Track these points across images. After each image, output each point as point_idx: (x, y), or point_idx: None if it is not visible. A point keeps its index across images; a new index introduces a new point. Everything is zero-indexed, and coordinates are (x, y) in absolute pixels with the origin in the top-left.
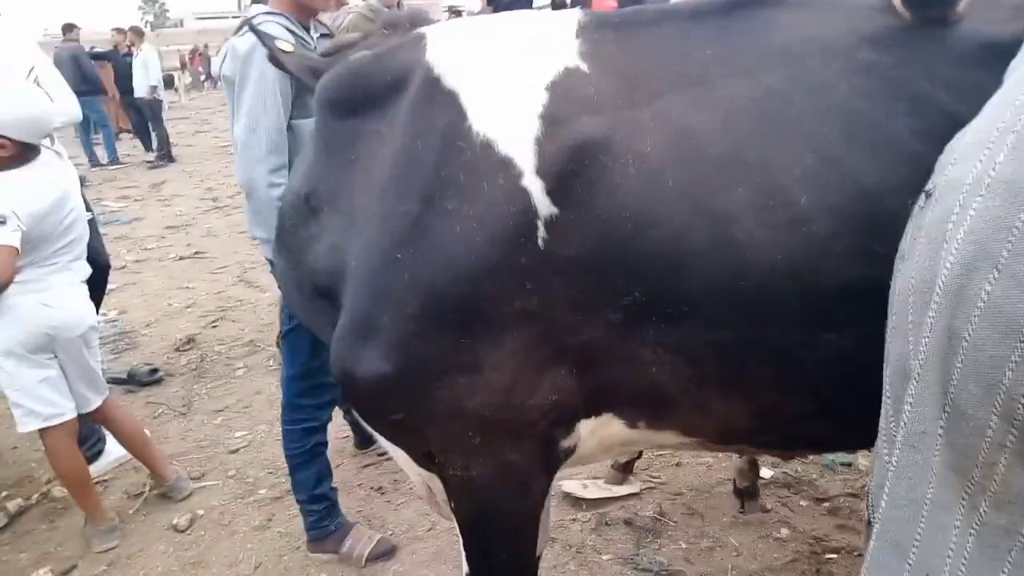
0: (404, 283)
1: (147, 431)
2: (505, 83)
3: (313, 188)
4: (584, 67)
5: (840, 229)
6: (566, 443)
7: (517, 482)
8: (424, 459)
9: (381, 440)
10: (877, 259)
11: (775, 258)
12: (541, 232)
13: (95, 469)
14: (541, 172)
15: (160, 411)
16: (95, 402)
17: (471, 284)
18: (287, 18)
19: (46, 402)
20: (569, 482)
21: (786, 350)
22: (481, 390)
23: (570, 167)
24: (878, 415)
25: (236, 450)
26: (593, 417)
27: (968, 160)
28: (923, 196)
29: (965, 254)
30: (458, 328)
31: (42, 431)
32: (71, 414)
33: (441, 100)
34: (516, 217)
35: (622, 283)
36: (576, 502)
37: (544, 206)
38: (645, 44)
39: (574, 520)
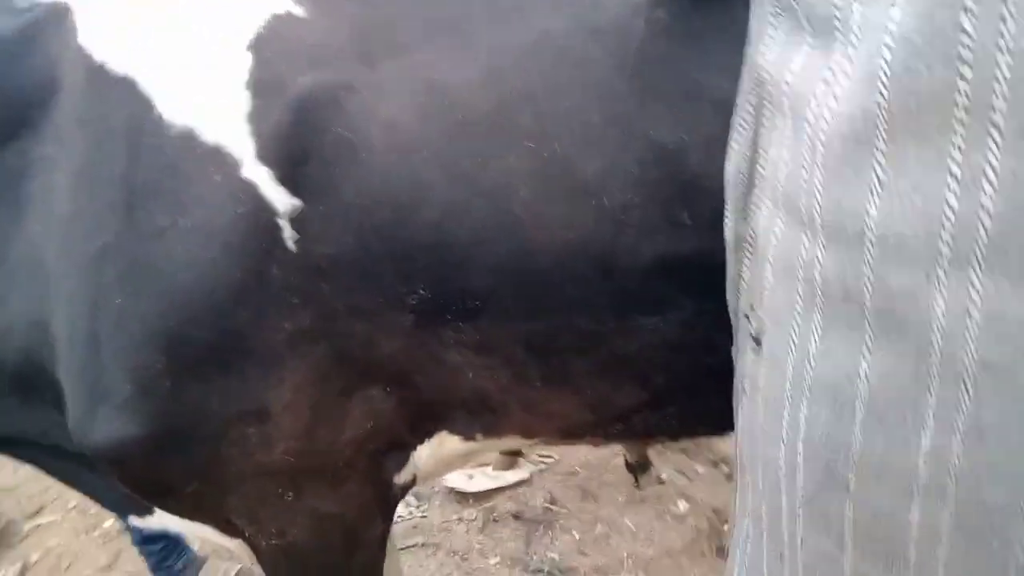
0: (134, 336)
1: None
2: (194, 50)
3: None
4: (300, 12)
5: (635, 199)
6: (402, 477)
7: (346, 537)
8: (230, 528)
9: (175, 523)
10: (687, 232)
11: (564, 237)
12: (287, 232)
13: None
14: (264, 157)
15: None
16: None
17: (218, 316)
18: None
19: None
20: (453, 475)
21: (602, 337)
22: (277, 438)
23: (299, 144)
24: (725, 399)
25: None
26: (425, 440)
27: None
28: (752, 342)
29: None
30: (223, 373)
31: None
32: None
33: (114, 93)
34: (250, 219)
35: (400, 280)
36: (462, 498)
37: (281, 199)
38: None
39: (459, 520)
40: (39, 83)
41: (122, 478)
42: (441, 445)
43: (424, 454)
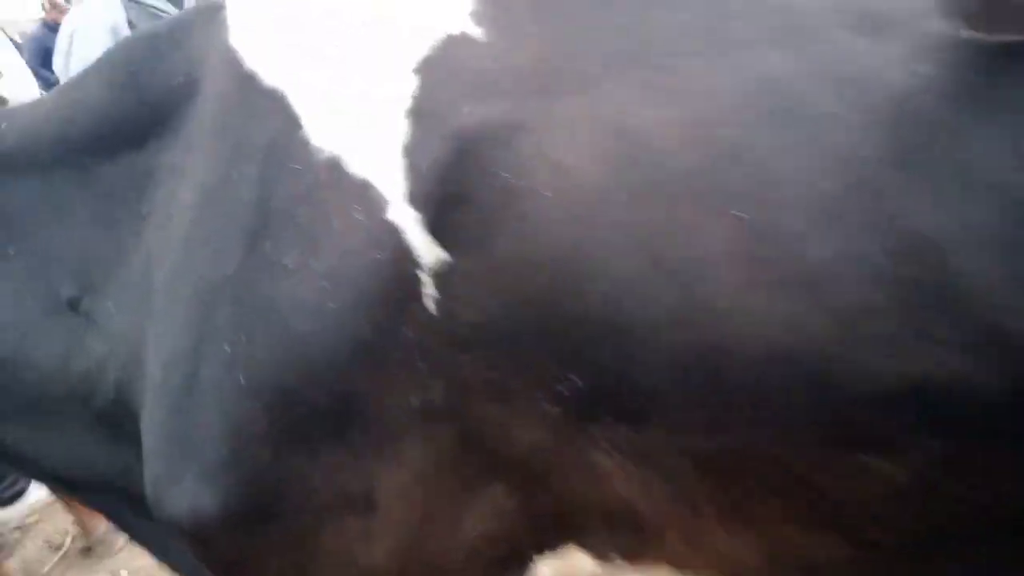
0: (239, 388)
1: None
2: (354, 66)
3: (79, 279)
4: (478, 33)
5: (876, 300)
6: None
7: None
8: None
9: None
10: (943, 351)
11: (772, 338)
12: (429, 289)
13: (12, 514)
14: (416, 198)
15: None
16: None
17: (338, 376)
18: None
19: None
20: None
21: (802, 472)
22: (382, 533)
23: (457, 187)
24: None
25: None
26: (548, 552)
27: None
28: None
29: None
30: (332, 445)
31: None
32: None
33: (260, 105)
34: (389, 269)
35: (554, 362)
36: None
37: (427, 250)
38: (579, 2)
39: None
40: (178, 83)
41: (198, 552)
42: (567, 562)
43: (546, 572)
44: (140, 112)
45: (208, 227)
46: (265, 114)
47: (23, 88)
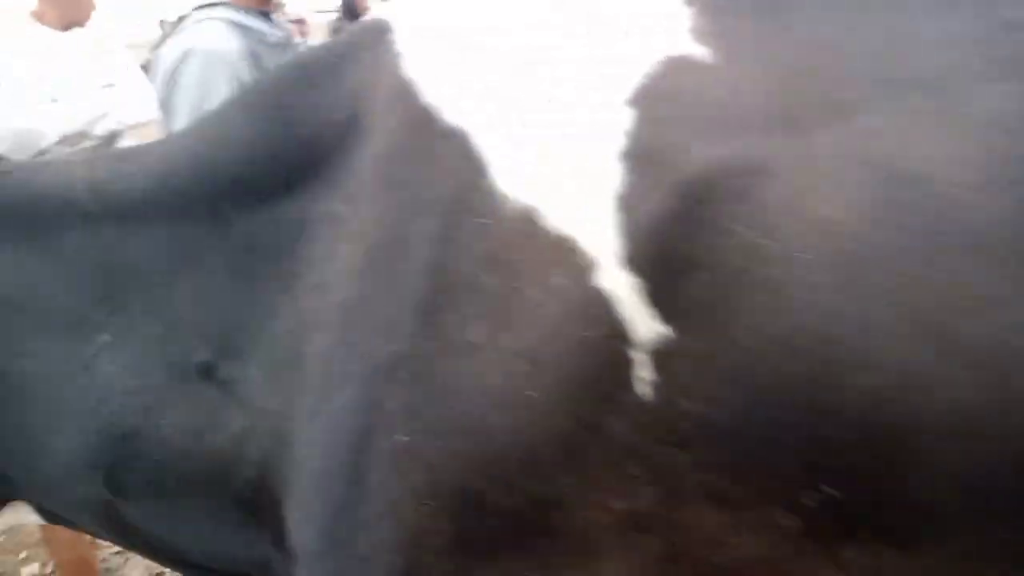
0: (418, 490)
1: None
2: (552, 98)
3: (214, 343)
4: (703, 54)
5: None
6: None
7: None
8: None
9: None
10: None
11: None
12: (645, 372)
13: None
14: (633, 260)
15: None
16: None
17: (532, 478)
18: (238, 10)
19: None
20: None
21: None
22: None
23: (686, 247)
24: None
25: None
26: None
27: None
28: None
29: None
30: (518, 559)
31: None
32: None
33: (439, 148)
34: (598, 348)
35: (801, 467)
36: None
37: (645, 325)
38: (816, 15)
39: None
40: (339, 119)
41: None
42: None
43: None
44: (292, 153)
45: (378, 294)
46: (445, 159)
47: (140, 111)
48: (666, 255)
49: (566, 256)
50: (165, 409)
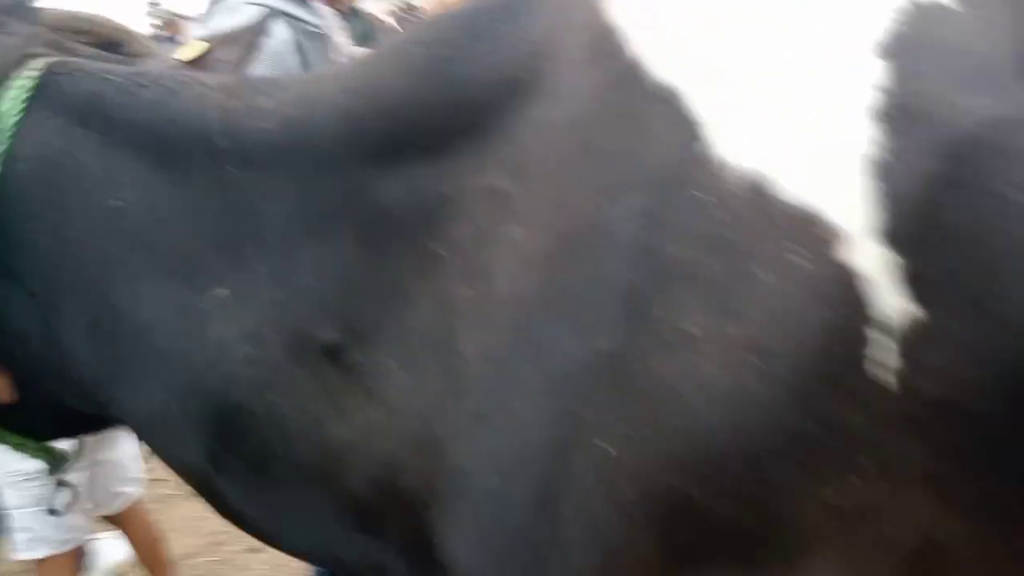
0: (619, 499)
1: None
2: (783, 46)
3: (340, 321)
4: (957, 3)
5: None
6: None
7: None
8: None
9: None
10: None
11: None
12: (891, 358)
13: None
14: (890, 234)
15: (164, 491)
16: (129, 498)
17: (757, 482)
18: None
19: (62, 525)
20: None
21: None
22: None
23: (957, 217)
24: None
25: (260, 549)
26: None
27: None
28: None
29: None
30: (723, 563)
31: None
32: (87, 533)
33: (646, 110)
34: (838, 331)
35: None
36: None
37: (895, 305)
38: None
39: None
40: (511, 75)
41: None
42: None
43: None
44: (448, 115)
45: (570, 285)
46: (655, 124)
47: None
48: (929, 225)
49: (805, 231)
50: (283, 387)
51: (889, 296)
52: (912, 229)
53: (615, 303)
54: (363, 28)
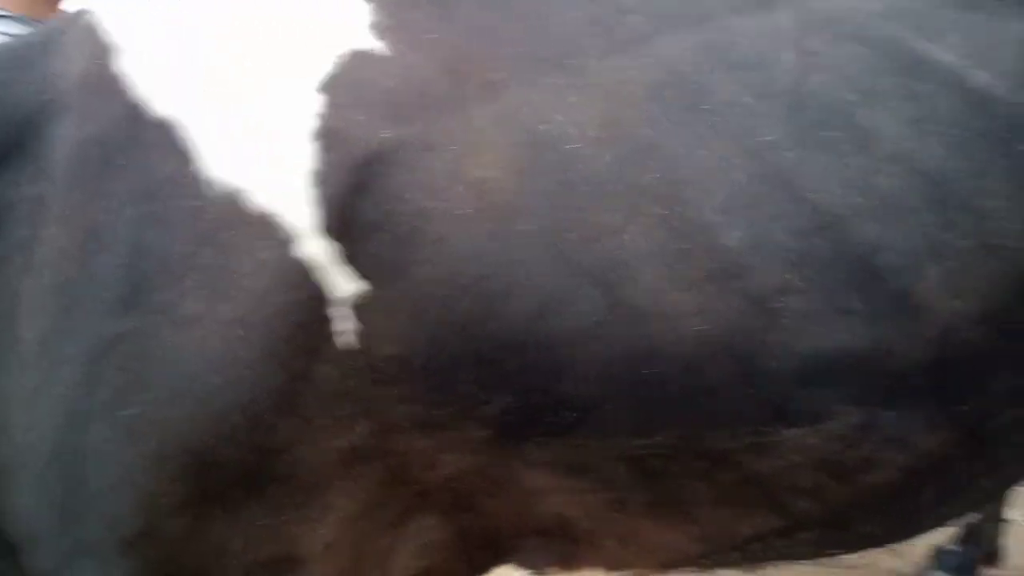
0: (145, 456)
1: None
2: (251, 87)
3: None
4: (382, 46)
5: (792, 279)
6: None
7: None
8: None
9: None
10: (859, 322)
11: (697, 332)
12: (349, 323)
13: None
14: (328, 229)
15: None
16: None
17: (255, 430)
18: (17, 20)
19: None
20: None
21: (732, 456)
22: None
23: (374, 214)
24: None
25: None
26: (484, 574)
27: None
28: None
29: None
30: (253, 505)
31: None
32: None
33: (151, 136)
34: (302, 307)
35: (481, 387)
36: None
37: (344, 283)
38: (477, 7)
39: None
40: (45, 102)
41: None
42: None
43: None
44: (4, 131)
45: (93, 275)
46: (156, 147)
47: None
48: (356, 222)
49: (271, 230)
50: None
51: (337, 276)
52: (343, 224)
53: (129, 290)
54: None
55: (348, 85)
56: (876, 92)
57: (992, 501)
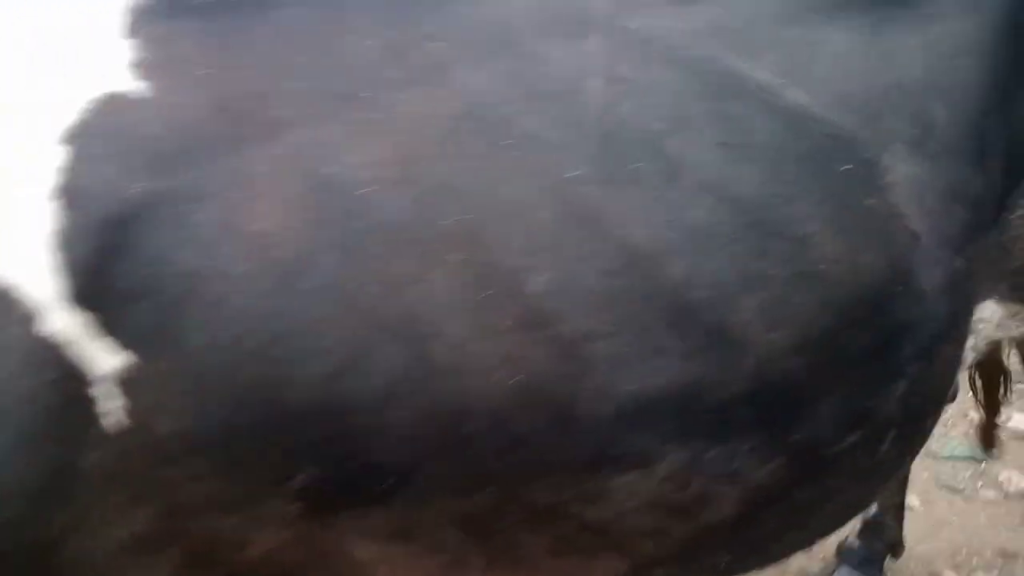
0: None
1: None
2: None
3: None
4: (142, 88)
5: (603, 322)
6: None
7: None
8: None
9: None
10: (674, 360)
11: (507, 383)
12: (117, 401)
13: None
14: (78, 298)
15: None
16: None
17: (20, 529)
18: None
19: None
20: None
21: (562, 506)
22: None
23: (133, 279)
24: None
25: None
26: None
27: None
28: None
29: None
30: None
31: None
32: None
33: None
34: (58, 388)
35: (280, 458)
36: None
37: (104, 357)
38: (260, 37)
39: None
40: None
41: None
42: None
43: None
44: None
45: None
46: None
47: None
48: (110, 287)
49: (9, 306)
50: None
51: (96, 350)
52: (96, 291)
53: None
54: None
55: (98, 134)
56: (686, 118)
57: (845, 523)
